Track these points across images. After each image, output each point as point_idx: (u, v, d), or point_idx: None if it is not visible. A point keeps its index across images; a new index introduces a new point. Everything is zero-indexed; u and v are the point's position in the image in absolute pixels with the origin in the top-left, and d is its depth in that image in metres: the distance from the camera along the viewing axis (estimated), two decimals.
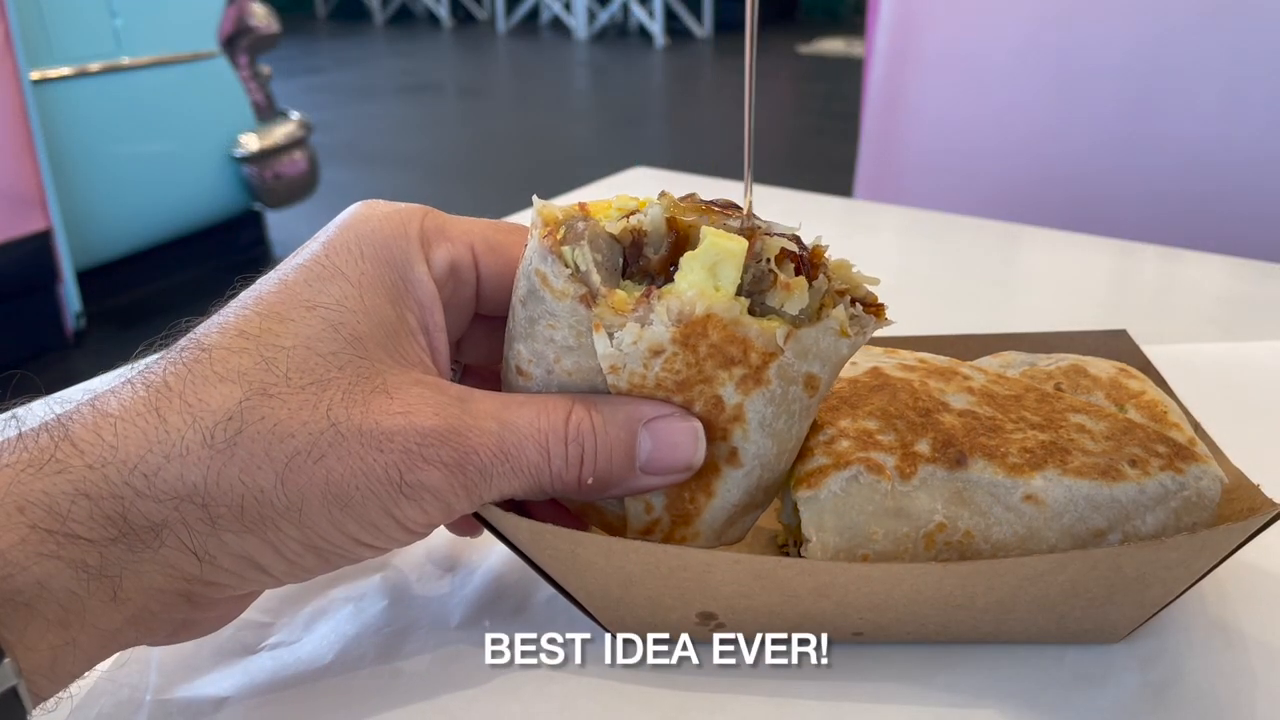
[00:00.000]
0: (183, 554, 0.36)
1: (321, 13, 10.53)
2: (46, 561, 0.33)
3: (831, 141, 4.88)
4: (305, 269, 0.40)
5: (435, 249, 0.42)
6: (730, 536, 0.45)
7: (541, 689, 0.44)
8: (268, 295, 0.39)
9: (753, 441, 0.41)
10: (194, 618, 0.39)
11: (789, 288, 0.39)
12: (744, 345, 0.39)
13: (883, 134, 1.48)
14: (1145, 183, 1.28)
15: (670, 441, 0.40)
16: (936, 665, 0.44)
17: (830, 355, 0.41)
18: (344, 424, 0.37)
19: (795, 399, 0.41)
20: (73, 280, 2.77)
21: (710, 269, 0.38)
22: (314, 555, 0.38)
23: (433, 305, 0.42)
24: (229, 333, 0.38)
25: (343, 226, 0.42)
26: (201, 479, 0.35)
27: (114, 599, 0.35)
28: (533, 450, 0.40)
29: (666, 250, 0.39)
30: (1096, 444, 0.44)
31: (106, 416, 0.36)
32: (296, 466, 0.36)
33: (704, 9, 8.64)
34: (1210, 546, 0.40)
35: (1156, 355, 0.57)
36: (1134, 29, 1.26)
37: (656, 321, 0.38)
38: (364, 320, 0.39)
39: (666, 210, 0.40)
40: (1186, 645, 0.45)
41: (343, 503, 0.37)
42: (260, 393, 0.37)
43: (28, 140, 2.52)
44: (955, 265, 0.98)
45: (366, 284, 0.40)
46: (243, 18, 3.27)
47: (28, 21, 2.59)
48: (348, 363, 0.38)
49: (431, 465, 0.38)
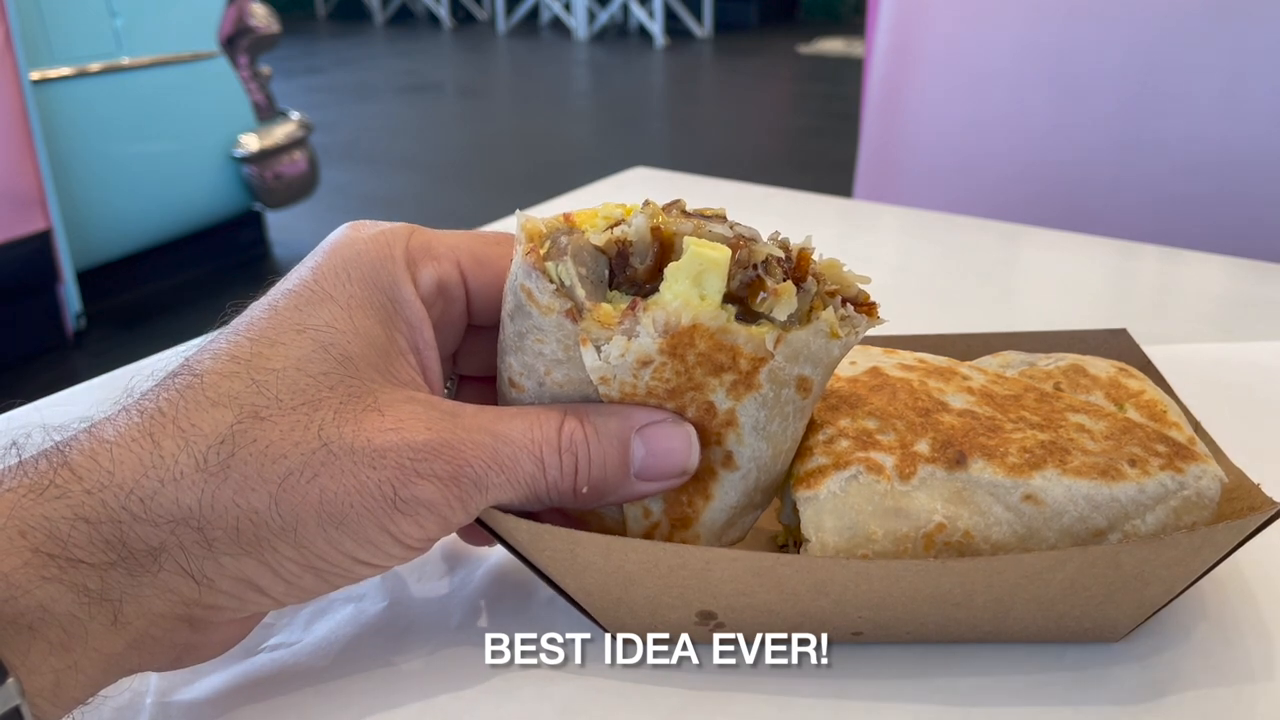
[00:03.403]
0: (181, 578, 0.36)
1: (321, 13, 10.53)
2: (49, 585, 0.33)
3: (831, 141, 4.88)
4: (294, 294, 0.41)
5: (421, 269, 0.42)
6: (730, 537, 0.45)
7: (541, 689, 0.44)
8: (258, 321, 0.40)
9: (747, 445, 0.42)
10: (195, 641, 0.39)
11: (777, 293, 0.39)
12: (732, 352, 0.39)
13: (883, 134, 1.48)
14: (1145, 183, 1.28)
15: (664, 447, 0.40)
16: (936, 665, 0.44)
17: (822, 357, 0.41)
18: (336, 443, 0.37)
19: (788, 401, 0.41)
20: (73, 280, 2.77)
21: (695, 279, 0.38)
22: (312, 575, 0.39)
23: (421, 324, 0.42)
24: (221, 358, 0.38)
25: (329, 252, 0.42)
26: (196, 502, 0.36)
27: (115, 623, 0.35)
28: (527, 461, 0.40)
29: (652, 260, 0.39)
30: (1096, 443, 0.44)
31: (103, 443, 0.36)
32: (290, 486, 0.36)
33: (704, 9, 8.64)
34: (1210, 544, 0.41)
35: (1156, 355, 0.57)
36: (1134, 29, 1.26)
37: (643, 333, 0.38)
38: (354, 341, 0.40)
39: (651, 220, 0.39)
40: (1186, 644, 0.45)
41: (338, 521, 0.37)
42: (252, 415, 0.37)
43: (28, 140, 2.52)
44: (955, 265, 0.98)
45: (355, 306, 0.40)
46: (243, 18, 3.27)
47: (28, 21, 2.59)
48: (339, 382, 0.39)
49: (425, 479, 0.38)
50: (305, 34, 9.22)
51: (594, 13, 8.85)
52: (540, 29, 9.39)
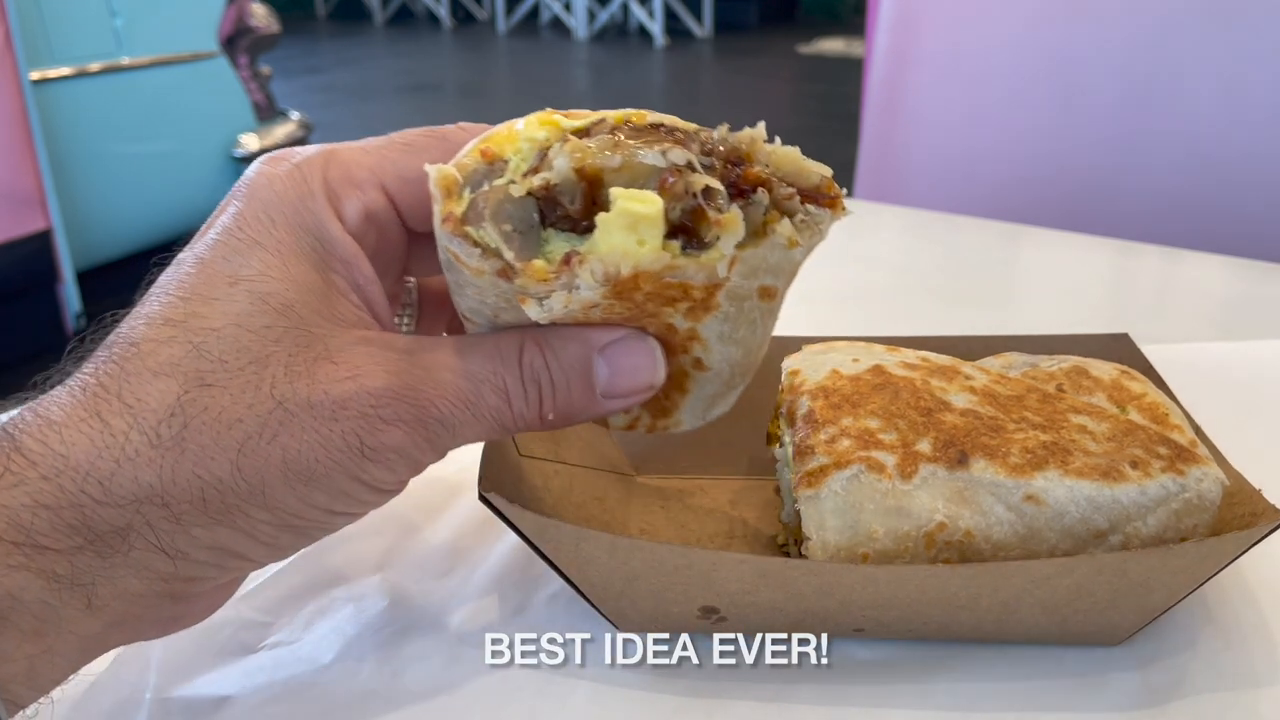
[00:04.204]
0: (153, 554, 0.35)
1: (321, 13, 10.53)
2: (16, 574, 0.33)
3: (831, 141, 4.88)
4: (220, 244, 0.38)
5: (345, 202, 0.40)
6: (715, 415, 0.45)
7: (541, 689, 0.44)
8: (187, 277, 0.38)
9: (715, 352, 0.41)
10: (179, 612, 0.38)
11: (720, 224, 0.35)
12: (683, 287, 0.37)
13: (883, 134, 1.48)
14: (1145, 182, 1.28)
15: (629, 364, 0.40)
16: (936, 667, 0.44)
17: (783, 265, 0.39)
18: (291, 400, 0.36)
19: (752, 309, 0.40)
20: (73, 280, 2.76)
21: (629, 228, 0.35)
22: (289, 533, 0.38)
23: (356, 260, 0.40)
24: (155, 322, 0.37)
25: (248, 195, 0.40)
26: (156, 478, 0.35)
27: (89, 607, 0.34)
28: (491, 395, 0.39)
29: (582, 199, 0.36)
30: (1098, 445, 0.44)
31: (51, 424, 0.35)
32: (250, 450, 0.36)
33: (704, 9, 8.63)
34: (1215, 554, 0.40)
35: (1157, 355, 0.56)
36: (1133, 29, 1.26)
37: (583, 286, 0.35)
38: (291, 288, 0.38)
39: (573, 159, 0.35)
40: (1186, 647, 0.45)
41: (306, 478, 0.36)
42: (198, 383, 0.35)
43: (28, 140, 2.52)
44: (955, 265, 0.98)
45: (286, 252, 0.38)
46: (243, 18, 3.26)
47: (28, 21, 2.59)
48: (283, 334, 0.37)
49: (391, 425, 0.37)
50: (305, 34, 9.22)
51: (594, 13, 8.85)
52: (540, 29, 9.38)
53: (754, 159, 0.38)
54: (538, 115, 0.37)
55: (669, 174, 0.35)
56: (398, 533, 0.53)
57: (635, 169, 0.35)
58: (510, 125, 0.37)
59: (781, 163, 0.38)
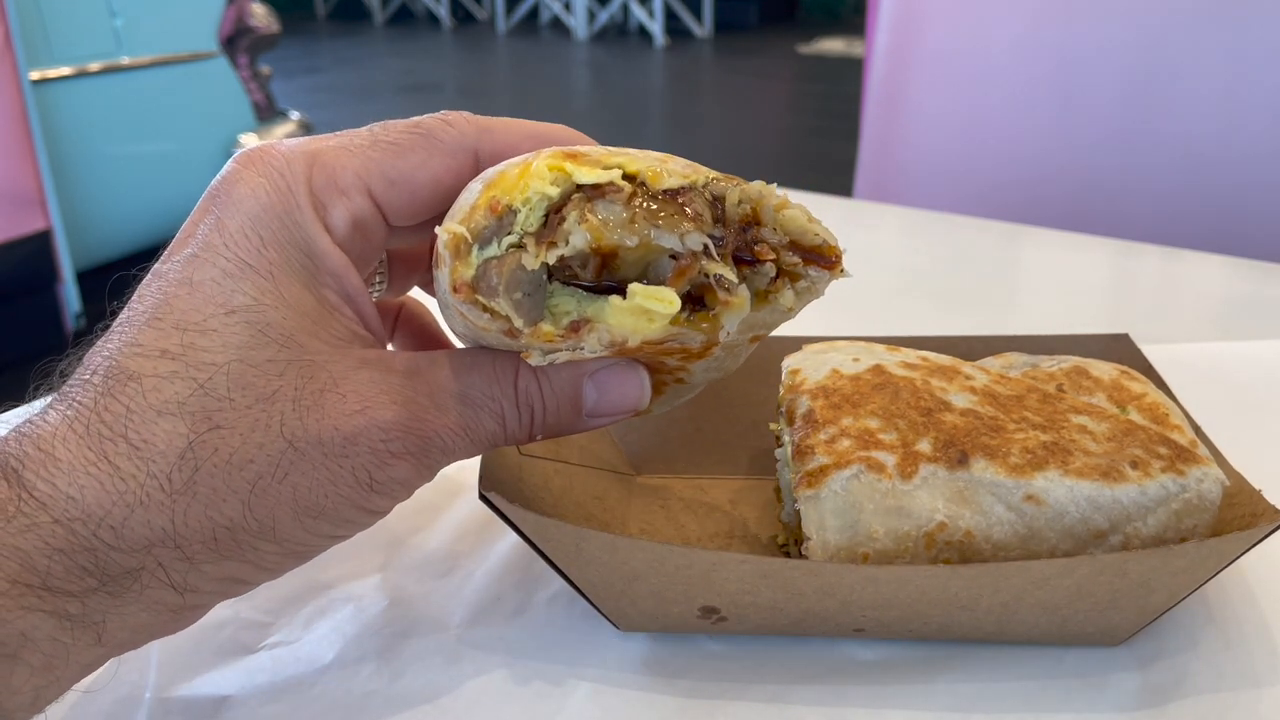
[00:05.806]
0: (164, 590, 0.36)
1: (321, 13, 10.53)
2: (29, 615, 0.33)
3: (831, 141, 4.88)
4: (207, 264, 0.37)
5: (331, 211, 0.39)
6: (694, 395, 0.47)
7: (541, 689, 0.44)
8: (177, 301, 0.37)
9: (698, 375, 0.44)
10: (176, 627, 0.39)
11: (728, 304, 0.37)
12: (684, 349, 0.39)
13: (883, 134, 1.48)
14: (1146, 182, 1.28)
15: (617, 391, 0.41)
16: (936, 667, 0.44)
17: (776, 320, 0.41)
18: (301, 438, 0.36)
19: (740, 346, 0.43)
20: (73, 280, 2.76)
21: (642, 313, 0.36)
22: (292, 559, 0.39)
23: (345, 272, 0.39)
24: (150, 354, 0.36)
25: (229, 204, 0.38)
26: (169, 522, 0.35)
27: (98, 642, 0.35)
28: (489, 420, 0.40)
29: (595, 266, 0.37)
30: (1098, 445, 0.44)
31: (56, 463, 0.34)
32: (261, 490, 0.36)
33: (704, 9, 8.63)
34: (1216, 555, 0.40)
35: (1157, 355, 0.56)
36: (1134, 28, 1.26)
37: (588, 349, 0.37)
38: (288, 315, 0.37)
39: (590, 238, 0.35)
40: (1187, 646, 0.45)
41: (315, 513, 0.37)
42: (207, 424, 0.35)
43: (28, 140, 2.52)
44: (956, 265, 0.98)
45: (278, 273, 0.38)
46: (243, 18, 3.26)
47: (28, 21, 2.59)
48: (286, 368, 0.37)
49: (399, 459, 0.38)
50: (305, 34, 9.21)
51: (594, 12, 8.85)
52: (540, 29, 9.38)
53: (762, 218, 0.38)
54: (546, 159, 0.36)
55: (685, 259, 0.36)
56: (398, 533, 0.53)
57: (650, 248, 0.36)
58: (517, 168, 0.37)
59: (788, 224, 0.39)
